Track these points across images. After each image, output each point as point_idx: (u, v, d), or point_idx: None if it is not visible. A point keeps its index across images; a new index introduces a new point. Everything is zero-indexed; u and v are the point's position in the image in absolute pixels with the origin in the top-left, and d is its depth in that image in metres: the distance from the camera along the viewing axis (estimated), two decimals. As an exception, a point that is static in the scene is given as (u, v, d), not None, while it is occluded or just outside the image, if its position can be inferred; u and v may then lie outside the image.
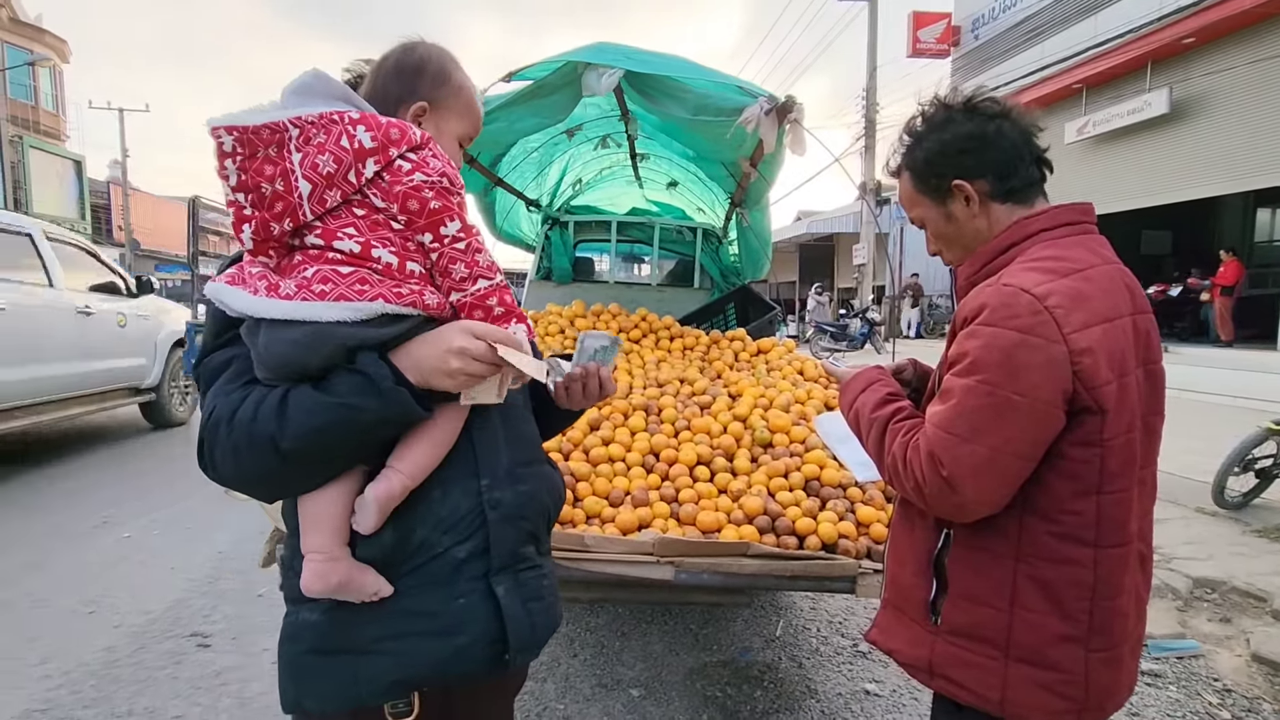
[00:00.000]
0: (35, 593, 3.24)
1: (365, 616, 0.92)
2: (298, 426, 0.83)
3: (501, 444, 1.02)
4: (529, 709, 2.35)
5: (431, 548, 0.94)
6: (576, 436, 2.39)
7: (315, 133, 0.86)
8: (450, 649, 0.93)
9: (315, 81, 0.89)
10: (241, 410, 0.85)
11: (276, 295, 0.84)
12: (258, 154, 0.85)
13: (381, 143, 0.88)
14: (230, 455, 0.85)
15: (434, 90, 1.01)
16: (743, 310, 4.27)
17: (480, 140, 2.97)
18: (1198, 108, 9.88)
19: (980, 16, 14.65)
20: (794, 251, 25.38)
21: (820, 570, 1.80)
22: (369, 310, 0.84)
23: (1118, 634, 1.02)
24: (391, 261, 0.87)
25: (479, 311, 0.94)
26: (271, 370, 0.86)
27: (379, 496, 0.89)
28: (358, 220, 0.88)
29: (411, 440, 0.92)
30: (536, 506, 1.05)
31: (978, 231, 1.11)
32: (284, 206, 0.85)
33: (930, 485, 0.99)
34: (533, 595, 1.01)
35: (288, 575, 0.99)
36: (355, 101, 0.92)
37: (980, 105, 1.10)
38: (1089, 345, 0.94)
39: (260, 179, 0.84)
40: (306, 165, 0.85)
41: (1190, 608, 3.21)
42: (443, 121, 1.03)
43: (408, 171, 0.88)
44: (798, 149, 2.37)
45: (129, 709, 2.34)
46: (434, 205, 0.89)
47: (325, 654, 0.93)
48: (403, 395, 0.86)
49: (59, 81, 24.92)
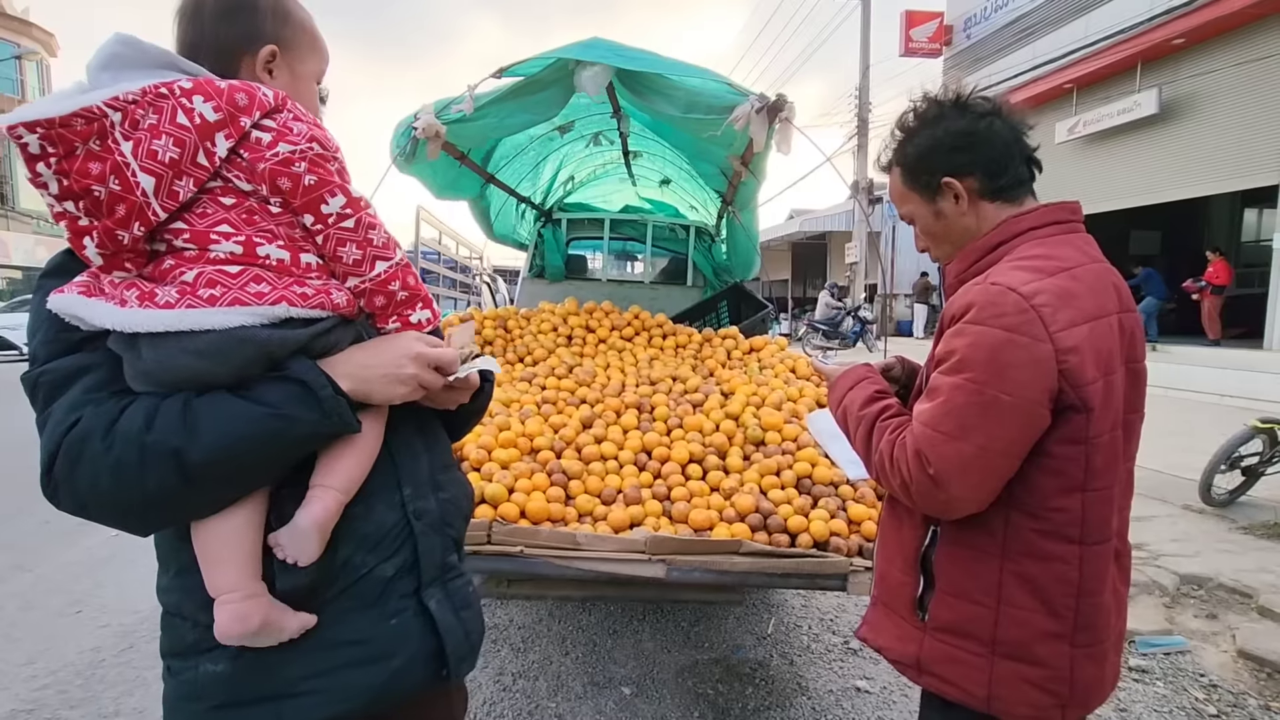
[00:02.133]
0: (21, 593, 3.21)
1: (282, 655, 0.80)
2: (214, 438, 0.72)
3: (420, 450, 0.94)
4: (520, 707, 2.35)
5: (357, 569, 0.84)
6: (569, 434, 2.38)
7: (143, 113, 0.71)
8: (385, 674, 0.84)
9: (126, 49, 0.74)
10: (124, 421, 0.72)
11: (153, 304, 0.72)
12: (76, 150, 0.70)
13: (228, 112, 0.74)
14: (108, 474, 0.70)
15: (279, 28, 0.85)
16: (735, 308, 4.28)
17: (472, 136, 2.97)
18: (1186, 108, 9.96)
19: (972, 16, 14.72)
20: (787, 250, 25.43)
21: (812, 568, 1.81)
22: (271, 314, 0.74)
23: (1102, 630, 1.02)
24: (283, 257, 0.77)
25: (380, 298, 0.84)
26: (168, 386, 0.74)
27: (317, 519, 0.78)
28: (229, 214, 0.75)
29: (337, 453, 0.82)
30: (459, 513, 0.99)
31: (966, 229, 1.12)
32: (127, 208, 0.70)
33: (916, 482, 1.00)
34: (463, 604, 0.94)
35: (175, 625, 0.84)
36: (182, 66, 0.76)
37: (972, 103, 1.10)
38: (1075, 344, 0.95)
39: (88, 180, 0.69)
40: (142, 155, 0.70)
41: (1177, 604, 3.24)
42: (297, 63, 0.88)
43: (269, 144, 0.76)
44: (785, 148, 2.37)
45: (116, 709, 2.33)
46: (308, 181, 0.77)
47: (239, 707, 0.80)
48: (342, 406, 0.78)
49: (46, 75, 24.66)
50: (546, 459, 2.24)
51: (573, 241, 5.00)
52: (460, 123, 2.64)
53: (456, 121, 2.63)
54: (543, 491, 2.07)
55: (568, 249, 4.96)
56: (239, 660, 0.80)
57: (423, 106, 2.64)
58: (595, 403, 2.64)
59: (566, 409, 2.60)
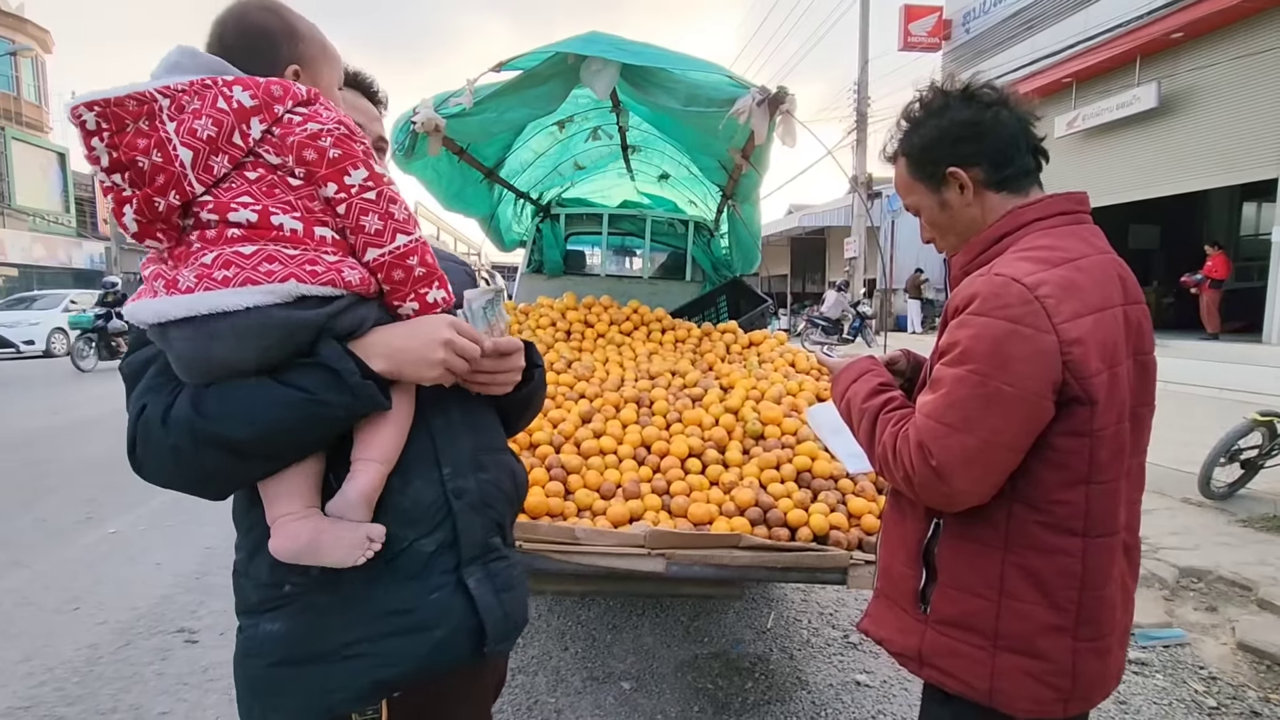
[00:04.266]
0: (18, 590, 3.20)
1: (336, 620, 0.87)
2: (256, 423, 0.79)
3: (461, 431, 0.97)
4: (520, 702, 2.34)
5: (397, 542, 0.89)
6: (568, 429, 2.38)
7: (188, 99, 0.79)
8: (428, 644, 0.88)
9: (184, 58, 0.82)
10: (176, 409, 0.80)
11: (176, 290, 0.77)
12: (126, 127, 0.77)
13: (264, 100, 0.81)
14: (170, 456, 0.80)
15: (294, 49, 0.92)
16: (734, 303, 4.27)
17: (471, 130, 2.95)
18: (1185, 102, 9.94)
19: (971, 10, 14.67)
20: (786, 245, 25.42)
21: (812, 562, 1.80)
22: (281, 292, 0.78)
23: (1106, 624, 1.02)
24: (296, 228, 0.81)
25: (399, 271, 0.86)
26: (202, 374, 0.80)
27: (363, 489, 0.84)
28: (251, 185, 0.81)
29: (373, 427, 0.87)
30: (501, 495, 1.01)
31: (972, 220, 1.10)
32: (166, 178, 0.78)
33: (919, 475, 0.99)
34: (504, 586, 0.97)
35: (242, 584, 0.92)
36: (229, 70, 0.84)
37: (978, 92, 1.09)
38: (1079, 335, 0.94)
39: (134, 153, 0.77)
40: (183, 132, 0.78)
41: (1177, 597, 3.24)
42: (318, 78, 0.94)
43: (299, 123, 0.82)
44: (789, 140, 2.35)
45: (114, 705, 2.32)
46: (334, 153, 0.82)
47: (292, 665, 0.87)
48: (371, 388, 0.83)
49: (42, 72, 24.54)
50: (545, 454, 2.24)
51: (571, 237, 4.99)
52: (459, 117, 2.62)
53: (456, 116, 2.61)
54: (541, 486, 2.07)
55: (566, 244, 4.94)
56: (295, 621, 0.87)
57: (422, 101, 2.61)
58: (594, 397, 2.63)
59: (565, 403, 2.60)
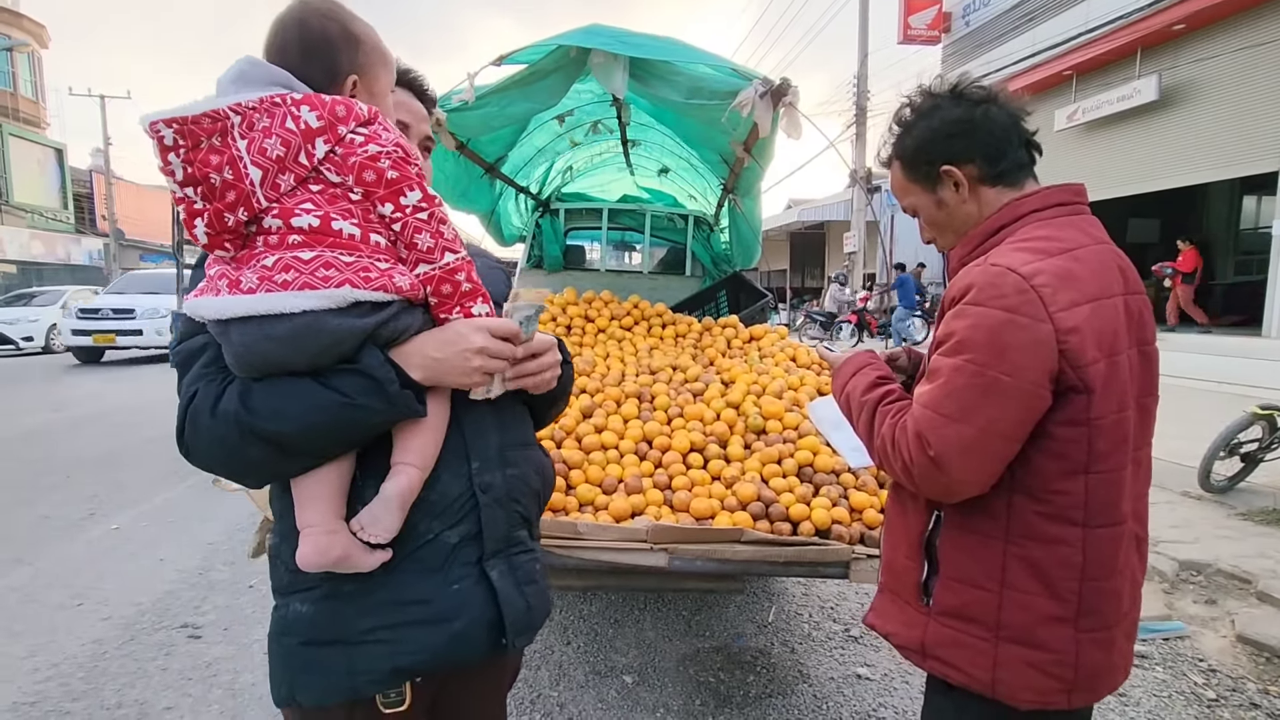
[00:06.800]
0: (22, 586, 3.21)
1: (358, 607, 0.91)
2: (297, 421, 0.83)
3: (490, 426, 1.01)
4: (523, 696, 2.35)
5: (422, 534, 0.93)
6: (569, 424, 2.38)
7: (258, 118, 0.84)
8: (446, 635, 0.92)
9: (251, 68, 0.87)
10: (224, 401, 0.85)
11: (239, 290, 0.83)
12: (201, 144, 0.83)
13: (329, 121, 0.86)
14: (217, 445, 0.85)
15: (353, 57, 0.96)
16: (734, 297, 4.27)
17: (472, 125, 2.94)
18: (1186, 95, 9.90)
19: (971, 2, 14.58)
20: (785, 239, 25.39)
21: (814, 556, 1.81)
22: (336, 297, 0.82)
23: (1109, 615, 1.02)
24: (354, 233, 0.86)
25: (447, 286, 0.92)
26: (255, 370, 0.85)
27: (401, 492, 0.88)
28: (314, 195, 0.86)
29: (412, 430, 0.91)
30: (527, 490, 1.04)
31: (969, 216, 1.11)
32: (236, 195, 0.83)
33: (918, 465, 0.99)
34: (526, 579, 1.00)
35: (276, 565, 0.98)
36: (294, 85, 0.89)
37: (966, 91, 1.10)
38: (1076, 324, 0.94)
39: (208, 169, 0.82)
40: (254, 150, 0.83)
41: (1176, 590, 3.25)
42: (374, 84, 0.99)
43: (360, 144, 0.87)
44: (794, 132, 2.34)
45: (118, 701, 2.33)
46: (391, 175, 0.87)
47: (318, 646, 0.92)
48: (408, 397, 0.87)
49: (38, 68, 24.46)
50: (547, 449, 2.23)
51: (570, 232, 4.98)
52: (461, 111, 2.62)
53: (457, 110, 2.61)
54: (543, 481, 2.06)
55: (566, 239, 4.93)
56: (322, 604, 0.92)
57: None
58: (595, 392, 2.63)
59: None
